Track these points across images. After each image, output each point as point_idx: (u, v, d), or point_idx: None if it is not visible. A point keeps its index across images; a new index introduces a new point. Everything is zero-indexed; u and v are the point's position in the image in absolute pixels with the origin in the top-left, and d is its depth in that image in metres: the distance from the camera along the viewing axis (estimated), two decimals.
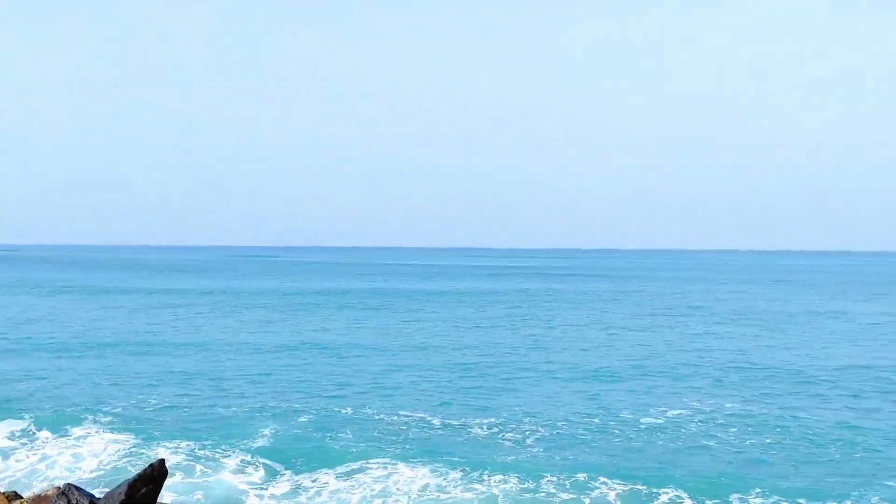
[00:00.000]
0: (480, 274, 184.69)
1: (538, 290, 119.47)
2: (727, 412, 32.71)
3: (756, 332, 63.25)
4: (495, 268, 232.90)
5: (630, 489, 22.60)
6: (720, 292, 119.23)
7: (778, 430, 29.68)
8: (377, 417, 31.38)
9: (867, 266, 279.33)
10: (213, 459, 25.86)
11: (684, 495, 22.13)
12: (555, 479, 23.48)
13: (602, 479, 23.38)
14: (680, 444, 27.62)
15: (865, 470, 24.85)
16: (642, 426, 30.07)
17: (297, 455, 26.40)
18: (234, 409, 33.11)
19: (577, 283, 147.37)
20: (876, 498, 22.07)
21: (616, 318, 75.43)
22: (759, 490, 22.54)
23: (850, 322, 72.34)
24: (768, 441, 28.14)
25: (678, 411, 32.79)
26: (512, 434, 28.86)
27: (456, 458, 25.55)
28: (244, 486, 23.72)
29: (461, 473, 24.07)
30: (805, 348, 53.39)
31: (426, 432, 29.15)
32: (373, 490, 23.09)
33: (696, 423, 30.76)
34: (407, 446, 27.18)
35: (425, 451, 26.58)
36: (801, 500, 21.76)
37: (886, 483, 23.46)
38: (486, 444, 27.50)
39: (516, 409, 33.15)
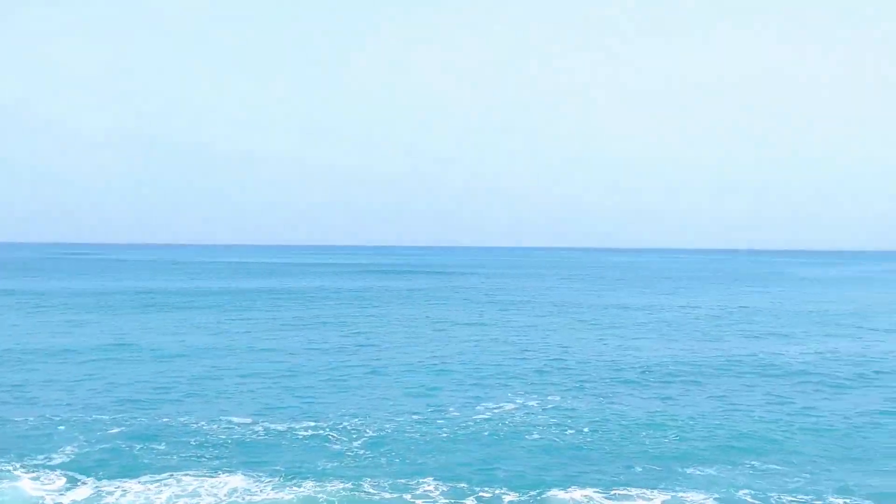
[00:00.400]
0: (312, 272, 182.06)
1: (370, 288, 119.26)
2: (549, 405, 33.83)
3: (574, 325, 66.38)
4: (329, 265, 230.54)
5: (452, 488, 22.64)
6: (543, 287, 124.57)
7: (596, 420, 31.00)
8: (196, 425, 29.69)
9: (686, 262, 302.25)
10: (5, 472, 23.59)
11: (507, 491, 22.46)
12: (377, 481, 23.16)
13: (426, 479, 23.32)
14: (505, 439, 28.14)
15: (674, 455, 26.40)
16: (470, 423, 30.42)
17: (103, 465, 24.53)
18: (31, 420, 30.19)
19: (409, 280, 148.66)
20: (682, 486, 23.45)
21: (445, 313, 76.59)
22: (576, 482, 23.30)
23: (654, 314, 77.66)
24: (586, 431, 29.30)
25: (504, 406, 33.51)
26: (338, 436, 28.26)
27: (276, 465, 24.63)
28: (40, 493, 21.92)
29: (279, 479, 23.23)
30: (617, 340, 56.61)
31: (248, 438, 27.92)
32: (181, 493, 21.92)
33: (521, 417, 31.54)
34: (225, 454, 25.89)
35: (245, 457, 25.44)
36: (615, 489, 22.74)
37: (691, 466, 25.04)
38: (309, 448, 26.73)
39: (344, 410, 32.57)
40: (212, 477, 23.41)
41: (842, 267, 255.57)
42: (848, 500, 22.01)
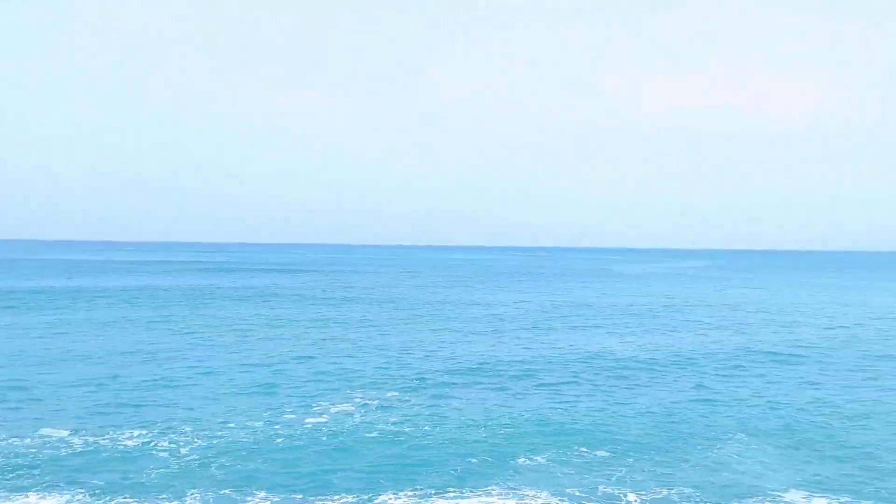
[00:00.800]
0: (133, 270, 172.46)
1: (197, 286, 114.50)
2: (388, 403, 33.74)
3: (411, 321, 66.91)
4: (150, 263, 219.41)
5: (285, 499, 21.90)
6: (380, 284, 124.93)
7: (434, 417, 31.23)
8: (4, 441, 27.02)
9: (515, 259, 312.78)
10: None
11: (343, 496, 22.03)
12: (205, 493, 22.01)
13: (258, 489, 22.40)
14: (343, 441, 27.64)
15: (509, 447, 27.02)
16: (306, 425, 29.69)
17: None
18: None
19: (241, 278, 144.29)
20: (516, 477, 24.06)
21: (280, 311, 74.82)
22: (416, 482, 23.28)
23: (488, 310, 79.92)
24: (426, 428, 29.39)
25: (342, 406, 33.04)
26: (165, 445, 26.68)
27: (96, 479, 22.87)
28: None
29: (96, 496, 21.58)
30: (453, 335, 57.62)
31: (64, 452, 25.74)
32: None
33: (360, 416, 31.22)
34: (38, 471, 23.70)
35: (61, 474, 23.42)
36: (450, 488, 22.87)
37: (525, 457, 25.77)
38: (133, 460, 25.00)
39: (173, 415, 30.86)
40: (19, 498, 21.38)
41: (656, 264, 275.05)
42: (665, 487, 23.45)
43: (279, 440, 27.61)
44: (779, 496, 22.50)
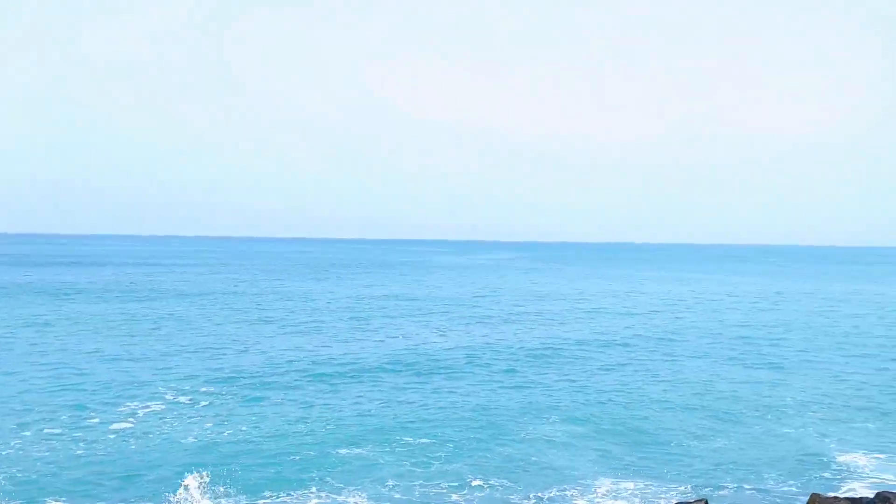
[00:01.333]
0: None
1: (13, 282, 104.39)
2: (203, 402, 32.29)
3: (227, 315, 64.66)
4: None
5: None
6: (197, 277, 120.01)
7: (253, 415, 30.26)
8: None
9: (327, 251, 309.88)
10: None
11: None
12: None
13: (52, 500, 20.69)
14: (152, 445, 26.02)
15: (328, 442, 26.72)
16: (112, 430, 27.72)
17: None
18: None
19: (41, 271, 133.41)
20: (336, 470, 23.91)
21: (82, 307, 69.76)
22: (231, 485, 22.36)
23: (304, 303, 78.99)
24: (244, 428, 28.34)
25: (152, 405, 31.29)
26: None
27: None
28: None
29: None
30: (271, 328, 56.36)
31: None
32: None
33: (172, 417, 29.66)
34: None
35: None
36: (268, 491, 22.22)
37: (346, 448, 25.66)
38: None
39: None
40: None
41: (471, 256, 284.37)
42: (481, 477, 24.15)
43: (80, 447, 25.62)
44: (588, 483, 23.57)
